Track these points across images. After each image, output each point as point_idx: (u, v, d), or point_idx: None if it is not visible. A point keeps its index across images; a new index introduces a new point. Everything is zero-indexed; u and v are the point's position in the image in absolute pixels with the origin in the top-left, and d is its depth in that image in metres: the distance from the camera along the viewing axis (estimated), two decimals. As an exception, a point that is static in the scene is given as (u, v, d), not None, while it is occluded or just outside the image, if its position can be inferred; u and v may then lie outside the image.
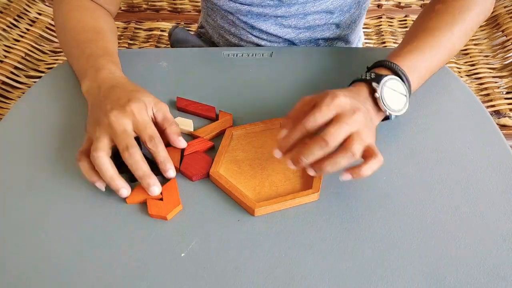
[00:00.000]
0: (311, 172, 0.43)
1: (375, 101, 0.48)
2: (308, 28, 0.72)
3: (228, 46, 0.79)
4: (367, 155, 0.42)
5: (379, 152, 0.42)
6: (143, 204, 0.45)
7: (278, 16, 0.70)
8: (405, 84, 0.50)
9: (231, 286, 0.39)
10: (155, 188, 0.44)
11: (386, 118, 0.50)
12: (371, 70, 0.52)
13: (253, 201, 0.44)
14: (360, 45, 0.87)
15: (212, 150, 0.51)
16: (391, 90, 0.48)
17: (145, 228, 0.43)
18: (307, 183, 0.46)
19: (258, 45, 0.76)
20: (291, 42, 0.75)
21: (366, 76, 0.49)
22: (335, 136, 0.41)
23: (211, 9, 0.78)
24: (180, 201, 0.45)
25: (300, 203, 0.45)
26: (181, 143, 0.49)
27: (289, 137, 0.43)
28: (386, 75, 0.49)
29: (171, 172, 0.46)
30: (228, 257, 0.41)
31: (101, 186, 0.45)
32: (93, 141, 0.45)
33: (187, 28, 1.40)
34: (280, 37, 0.73)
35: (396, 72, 0.50)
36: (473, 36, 1.31)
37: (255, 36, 0.74)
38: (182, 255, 0.41)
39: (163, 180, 0.47)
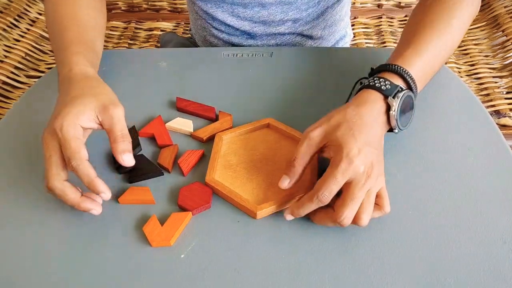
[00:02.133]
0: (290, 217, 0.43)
1: (388, 115, 0.46)
2: (263, 23, 0.74)
3: (203, 43, 0.84)
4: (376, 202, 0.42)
5: (386, 204, 0.42)
6: (142, 206, 0.45)
7: (235, 4, 0.71)
8: (415, 97, 0.48)
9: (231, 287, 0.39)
10: (104, 194, 0.42)
11: (390, 130, 0.48)
12: (380, 74, 0.48)
13: (254, 204, 0.44)
14: (343, 43, 0.86)
15: (205, 157, 0.51)
16: (403, 107, 0.46)
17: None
18: (306, 184, 0.46)
19: (217, 37, 0.79)
20: (248, 35, 0.76)
21: (379, 83, 0.46)
22: (345, 213, 0.40)
23: (187, 5, 0.82)
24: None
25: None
26: (125, 162, 0.43)
27: (304, 208, 0.42)
28: (402, 90, 0.46)
29: (103, 195, 0.42)
30: (228, 258, 0.41)
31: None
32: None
33: (186, 28, 1.40)
34: (237, 29, 0.75)
35: (407, 81, 0.48)
36: (473, 36, 1.31)
37: (215, 28, 0.77)
38: (182, 256, 0.41)
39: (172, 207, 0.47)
